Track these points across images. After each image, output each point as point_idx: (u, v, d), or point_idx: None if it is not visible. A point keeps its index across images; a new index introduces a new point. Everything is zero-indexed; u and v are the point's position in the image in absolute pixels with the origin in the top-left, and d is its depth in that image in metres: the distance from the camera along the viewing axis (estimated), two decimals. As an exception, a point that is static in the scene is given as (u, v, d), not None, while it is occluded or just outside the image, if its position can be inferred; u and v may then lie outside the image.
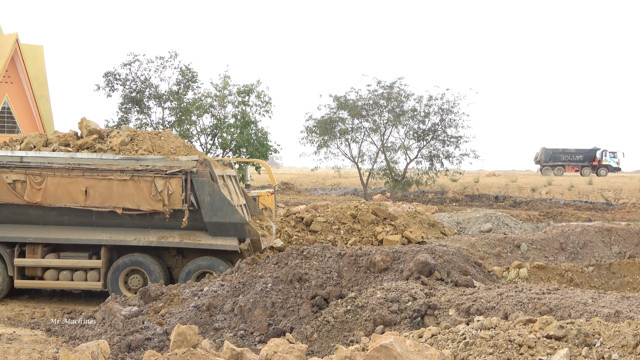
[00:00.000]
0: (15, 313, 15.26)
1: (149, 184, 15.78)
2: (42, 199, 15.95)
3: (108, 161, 16.02)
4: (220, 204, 15.93)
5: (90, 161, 16.03)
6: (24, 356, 11.68)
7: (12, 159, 16.14)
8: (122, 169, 15.85)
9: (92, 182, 15.88)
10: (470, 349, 7.07)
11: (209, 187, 15.85)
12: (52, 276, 16.09)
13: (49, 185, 15.92)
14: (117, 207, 15.87)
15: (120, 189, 15.83)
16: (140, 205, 15.87)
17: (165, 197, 15.76)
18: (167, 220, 16.02)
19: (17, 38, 45.81)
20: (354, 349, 6.96)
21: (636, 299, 10.64)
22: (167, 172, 15.78)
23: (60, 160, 16.06)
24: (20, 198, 15.98)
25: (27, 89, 46.82)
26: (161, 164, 15.95)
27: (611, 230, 22.70)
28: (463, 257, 14.20)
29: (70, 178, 15.91)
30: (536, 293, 10.57)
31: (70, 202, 15.96)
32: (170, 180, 15.77)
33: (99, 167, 15.91)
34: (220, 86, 42.61)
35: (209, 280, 14.02)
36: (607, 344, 6.73)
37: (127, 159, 16.05)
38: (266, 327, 11.73)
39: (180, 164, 15.92)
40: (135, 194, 15.83)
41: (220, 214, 15.92)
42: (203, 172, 15.89)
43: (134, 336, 11.78)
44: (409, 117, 48.35)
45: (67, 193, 15.92)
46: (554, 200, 53.82)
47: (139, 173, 15.80)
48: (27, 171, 15.96)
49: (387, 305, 10.81)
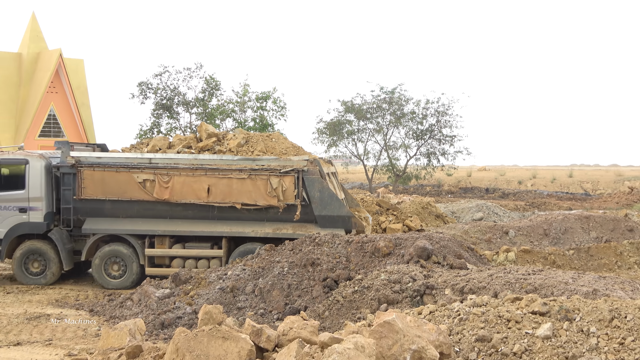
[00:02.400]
0: (62, 296, 15.33)
1: (265, 181, 15.87)
2: (169, 196, 16.10)
3: (228, 161, 16.14)
4: (329, 199, 16.00)
5: (212, 162, 16.18)
6: (70, 333, 11.76)
7: (141, 160, 16.34)
8: (240, 169, 15.97)
9: (213, 180, 15.99)
10: (464, 324, 7.06)
11: (319, 184, 15.92)
12: (178, 264, 16.19)
13: (175, 184, 16.07)
14: (237, 203, 15.96)
15: (239, 187, 15.93)
16: (257, 200, 15.94)
17: (279, 193, 15.84)
18: (280, 214, 16.05)
19: (60, 53, 45.90)
20: (360, 325, 6.96)
21: (612, 279, 10.62)
22: (281, 170, 15.87)
23: (185, 161, 16.22)
24: (150, 195, 16.15)
25: (70, 98, 46.95)
26: (275, 163, 16.04)
27: (589, 217, 22.64)
28: (457, 242, 14.18)
29: (194, 177, 16.05)
30: (522, 274, 10.55)
31: (194, 199, 16.08)
32: (284, 178, 15.86)
33: (220, 167, 16.04)
34: (240, 93, 42.60)
35: (233, 265, 14.04)
36: (585, 318, 6.72)
37: (245, 159, 16.18)
38: (283, 306, 11.75)
39: (292, 163, 16.01)
40: (253, 190, 15.91)
41: (329, 208, 15.99)
42: (313, 170, 15.96)
43: (167, 315, 11.83)
44: (409, 119, 48.28)
45: (191, 190, 16.06)
46: (538, 192, 53.69)
47: (256, 172, 15.91)
48: (156, 171, 16.13)
49: (390, 286, 10.82)
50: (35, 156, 16.70)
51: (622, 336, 6.32)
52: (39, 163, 16.51)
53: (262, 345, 5.72)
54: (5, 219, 16.42)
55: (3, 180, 16.69)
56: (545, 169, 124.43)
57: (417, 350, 5.24)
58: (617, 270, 18.02)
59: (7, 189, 16.54)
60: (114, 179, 16.19)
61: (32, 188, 16.40)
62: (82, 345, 10.85)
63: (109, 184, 16.20)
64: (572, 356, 6.16)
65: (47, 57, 46.51)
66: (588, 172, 71.23)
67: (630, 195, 44.49)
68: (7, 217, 16.43)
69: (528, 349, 6.38)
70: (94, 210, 16.43)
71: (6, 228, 16.40)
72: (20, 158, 16.62)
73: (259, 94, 42.17)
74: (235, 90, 43.18)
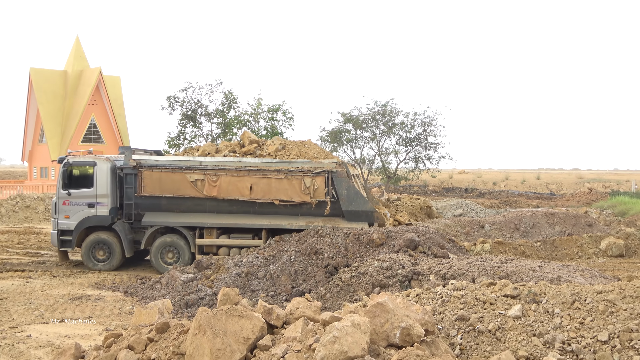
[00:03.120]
0: (100, 279, 15.34)
1: (300, 181, 15.99)
2: (217, 193, 16.23)
3: (267, 164, 16.27)
4: (355, 196, 16.11)
5: (254, 164, 16.30)
6: (107, 311, 11.76)
7: (193, 163, 16.50)
8: (278, 170, 16.10)
9: (255, 180, 16.11)
10: (446, 305, 7.05)
11: (346, 183, 16.04)
12: (224, 252, 16.29)
13: (222, 183, 16.19)
14: (275, 199, 16.09)
15: (277, 185, 16.05)
16: (292, 197, 16.05)
17: (312, 191, 15.98)
18: (312, 209, 16.16)
19: (100, 71, 46.01)
20: (357, 306, 6.95)
21: (573, 267, 10.60)
22: (313, 172, 16.01)
23: (231, 164, 16.36)
24: (200, 193, 16.29)
25: (108, 109, 47.01)
26: (308, 165, 16.16)
27: (554, 214, 22.61)
28: (440, 235, 14.16)
29: (239, 177, 16.17)
30: (496, 262, 10.54)
31: (238, 196, 16.19)
32: (316, 178, 15.98)
33: (261, 169, 16.17)
34: (254, 106, 42.70)
35: (247, 254, 14.04)
36: (550, 301, 6.70)
37: (282, 162, 16.29)
38: (290, 289, 11.74)
39: (323, 165, 16.13)
40: (289, 189, 16.03)
41: (355, 204, 16.10)
42: (341, 171, 16.08)
43: (190, 296, 11.83)
44: (399, 129, 48.28)
45: (236, 189, 16.18)
46: (510, 192, 53.56)
47: (292, 173, 16.05)
48: (206, 172, 16.27)
49: (383, 272, 10.81)
50: (102, 159, 16.96)
51: (582, 317, 6.31)
52: (106, 165, 16.77)
53: (272, 322, 5.71)
54: (76, 213, 16.72)
55: (74, 179, 16.91)
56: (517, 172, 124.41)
57: (405, 328, 5.23)
58: (578, 259, 17.99)
59: (78, 187, 16.80)
60: (169, 179, 16.38)
61: (99, 186, 16.67)
62: (118, 322, 10.86)
63: (165, 183, 16.40)
64: (539, 333, 6.15)
65: (89, 75, 46.62)
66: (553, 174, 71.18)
67: (589, 195, 44.41)
68: (78, 211, 16.73)
69: (501, 327, 6.36)
70: (152, 205, 16.64)
71: (77, 220, 16.70)
72: (90, 160, 16.90)
73: (270, 106, 42.29)
74: (250, 103, 43.38)
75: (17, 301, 12.44)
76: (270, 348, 5.32)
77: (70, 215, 16.73)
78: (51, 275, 15.65)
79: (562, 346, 5.94)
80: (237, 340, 5.31)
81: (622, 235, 19.27)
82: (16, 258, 18.44)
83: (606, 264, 17.10)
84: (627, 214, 30.32)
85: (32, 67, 46.15)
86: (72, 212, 16.73)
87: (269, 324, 5.73)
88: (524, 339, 6.13)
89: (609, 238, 18.86)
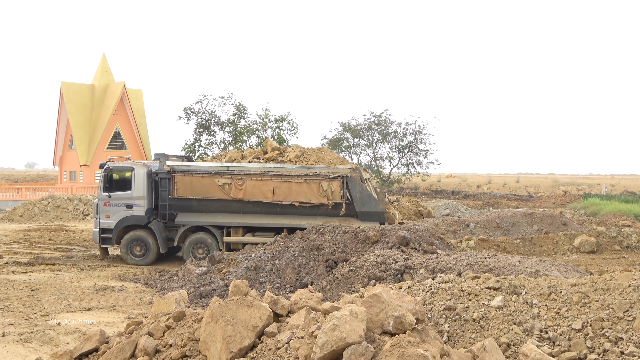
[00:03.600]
0: (123, 272, 15.32)
1: (317, 184, 15.97)
2: (242, 196, 16.24)
3: (288, 169, 16.29)
4: (368, 198, 16.10)
5: (276, 169, 16.32)
6: (129, 301, 11.74)
7: (221, 168, 16.55)
8: (298, 174, 16.09)
9: (277, 184, 16.10)
10: (435, 297, 7.03)
11: (359, 187, 16.01)
12: (249, 249, 16.17)
13: (247, 186, 16.19)
14: (295, 201, 16.08)
15: (297, 188, 16.03)
16: (311, 199, 16.04)
17: (329, 194, 15.96)
18: (329, 210, 16.15)
19: (124, 85, 46.09)
20: (354, 296, 6.93)
21: (550, 262, 10.57)
22: (330, 176, 15.98)
23: (255, 169, 16.39)
24: (228, 195, 16.29)
25: (131, 119, 47.06)
26: (325, 170, 16.16)
27: (532, 214, 22.57)
28: (430, 232, 14.14)
29: (262, 181, 16.16)
30: (480, 258, 10.51)
31: (262, 198, 16.19)
32: (332, 182, 15.95)
33: (282, 174, 16.15)
34: (262, 116, 42.73)
35: (255, 249, 14.01)
36: (529, 293, 6.68)
37: (302, 167, 16.34)
38: (294, 282, 11.72)
39: (339, 170, 16.13)
40: (308, 191, 16.02)
41: (368, 205, 16.08)
42: (355, 176, 16.06)
43: (204, 288, 11.81)
44: (392, 137, 48.41)
45: (260, 191, 16.17)
46: (492, 194, 53.49)
47: (310, 177, 16.04)
48: (232, 177, 16.27)
49: (378, 266, 10.79)
50: (140, 165, 17.01)
51: (558, 307, 6.29)
52: (142, 170, 16.80)
53: (278, 311, 5.70)
54: (115, 213, 16.79)
55: (114, 183, 16.92)
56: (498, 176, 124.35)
57: (398, 317, 5.21)
58: (554, 255, 17.95)
59: (117, 190, 16.82)
60: (200, 183, 16.40)
61: (136, 189, 16.71)
62: (139, 311, 10.84)
63: (196, 186, 16.41)
64: (519, 322, 6.13)
65: (114, 88, 46.69)
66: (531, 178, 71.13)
67: (564, 197, 44.34)
68: (117, 212, 16.79)
69: (484, 316, 6.34)
70: (184, 206, 16.67)
71: (116, 220, 16.78)
72: (128, 166, 16.96)
73: (277, 116, 42.34)
74: (258, 114, 43.37)
75: (47, 292, 12.43)
76: (276, 335, 5.31)
77: (111, 215, 16.79)
78: (79, 268, 15.64)
79: (539, 334, 5.92)
80: (247, 327, 5.30)
81: (594, 234, 19.23)
82: (47, 253, 18.44)
83: (579, 260, 17.07)
84: (598, 214, 30.27)
85: (63, 81, 46.27)
86: (112, 213, 16.79)
87: (275, 313, 5.71)
88: (505, 327, 6.11)
89: (581, 236, 18.83)
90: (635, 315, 5.80)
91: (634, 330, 5.65)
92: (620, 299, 6.13)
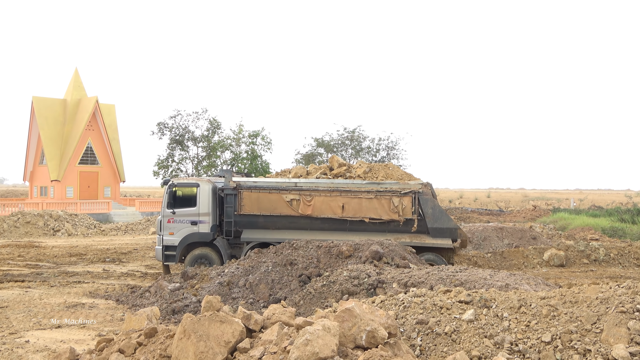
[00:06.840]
0: (94, 288, 15.06)
1: (388, 200, 15.57)
2: (311, 212, 15.84)
3: (358, 185, 15.89)
4: (440, 214, 15.66)
5: (345, 185, 15.94)
6: (100, 318, 11.54)
7: (289, 184, 16.13)
8: (368, 190, 15.70)
9: (346, 200, 15.71)
10: (407, 311, 7.05)
11: (431, 202, 15.63)
12: None
13: (316, 202, 15.80)
14: (365, 217, 15.68)
15: (367, 204, 15.64)
16: (381, 215, 15.63)
17: (400, 210, 15.56)
18: (400, 227, 15.68)
19: (97, 99, 45.65)
20: (327, 311, 6.92)
21: (520, 276, 10.68)
22: (401, 192, 15.60)
23: (324, 185, 15.99)
24: (295, 211, 15.89)
25: (104, 134, 46.56)
26: (396, 186, 15.78)
27: (503, 228, 22.82)
28: (402, 247, 14.18)
29: (331, 197, 15.77)
30: (452, 271, 10.58)
31: (331, 214, 15.79)
32: (403, 198, 15.57)
33: (352, 189, 15.77)
34: (236, 131, 42.64)
35: (229, 265, 13.90)
36: (500, 306, 6.74)
37: (372, 183, 15.93)
38: (268, 297, 11.65)
39: (410, 186, 15.74)
40: (378, 207, 15.62)
41: (440, 222, 15.61)
42: (427, 191, 15.69)
43: (177, 304, 11.67)
44: (366, 152, 48.59)
45: (329, 207, 15.78)
46: (464, 208, 54.00)
47: (381, 193, 15.64)
48: (301, 192, 15.86)
49: (351, 280, 10.78)
50: (204, 181, 16.59)
51: (527, 320, 6.35)
52: (207, 186, 16.39)
53: (251, 327, 5.66)
54: (179, 230, 16.30)
55: (179, 199, 16.47)
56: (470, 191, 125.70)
57: (370, 331, 5.21)
58: (524, 269, 18.15)
59: (182, 206, 16.35)
60: (266, 199, 16.01)
61: (201, 206, 16.27)
62: (110, 328, 10.66)
63: (262, 202, 16.02)
64: (490, 335, 6.17)
65: (86, 103, 46.20)
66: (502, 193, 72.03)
67: (533, 212, 45.00)
68: (181, 229, 16.30)
69: (456, 329, 6.38)
70: (250, 223, 16.21)
71: (180, 237, 16.27)
72: (193, 182, 16.56)
73: (250, 132, 42.29)
74: (232, 129, 43.25)
75: (16, 309, 12.15)
76: (249, 350, 5.26)
77: (175, 232, 16.29)
78: (49, 285, 15.33)
79: (510, 347, 5.97)
80: (219, 343, 5.25)
81: (563, 247, 19.51)
82: (17, 269, 18.05)
83: (549, 273, 17.28)
84: (567, 228, 30.76)
85: (34, 95, 45.62)
86: (176, 229, 16.29)
87: (248, 329, 5.67)
88: (476, 340, 6.15)
89: (551, 250, 19.08)
90: (602, 327, 5.89)
91: (602, 342, 5.74)
92: (588, 311, 6.22)
